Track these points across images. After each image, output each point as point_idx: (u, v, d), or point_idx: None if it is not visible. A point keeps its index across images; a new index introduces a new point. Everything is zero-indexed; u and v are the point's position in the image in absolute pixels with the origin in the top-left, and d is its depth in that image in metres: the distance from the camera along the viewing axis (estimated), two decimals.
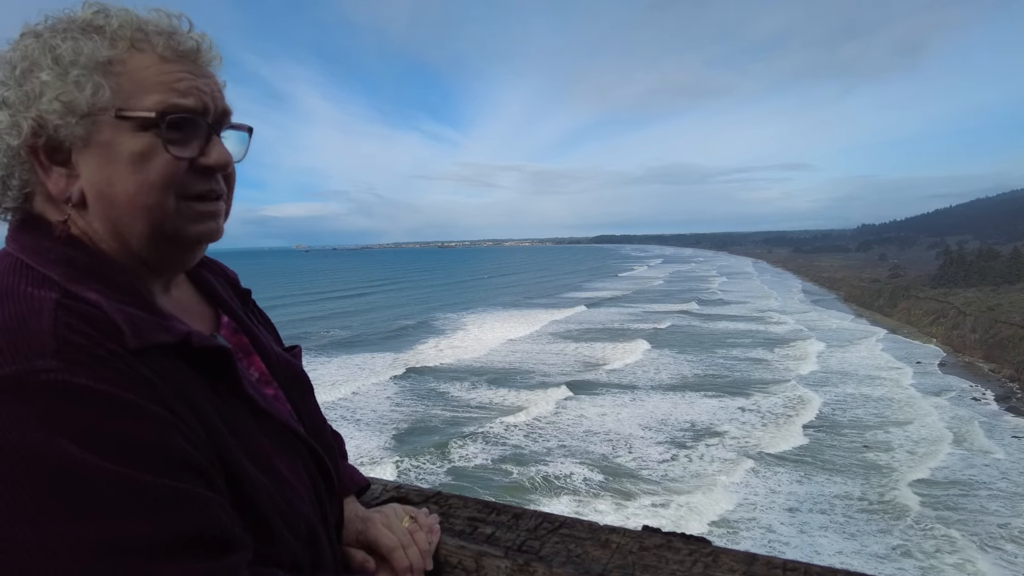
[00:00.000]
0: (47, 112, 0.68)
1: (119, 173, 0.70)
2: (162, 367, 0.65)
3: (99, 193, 0.71)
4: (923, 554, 15.23)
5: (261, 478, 0.72)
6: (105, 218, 0.72)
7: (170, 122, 0.70)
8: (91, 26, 0.71)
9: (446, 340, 41.43)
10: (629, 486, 18.40)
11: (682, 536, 1.08)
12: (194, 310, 0.88)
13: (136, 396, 0.59)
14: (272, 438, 0.79)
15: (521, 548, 1.07)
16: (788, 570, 0.97)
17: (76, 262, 0.69)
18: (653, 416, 24.88)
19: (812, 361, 34.44)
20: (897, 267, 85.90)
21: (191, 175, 0.74)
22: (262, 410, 0.78)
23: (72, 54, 0.68)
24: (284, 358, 0.97)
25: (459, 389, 29.08)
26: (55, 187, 0.71)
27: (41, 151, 0.70)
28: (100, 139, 0.69)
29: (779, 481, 19.03)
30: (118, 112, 0.69)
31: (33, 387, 0.54)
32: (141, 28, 0.72)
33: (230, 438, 0.70)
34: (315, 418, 0.98)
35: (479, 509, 1.23)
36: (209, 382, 0.72)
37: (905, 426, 24.25)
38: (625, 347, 37.78)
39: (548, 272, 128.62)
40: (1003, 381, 33.39)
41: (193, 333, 0.71)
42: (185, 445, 0.61)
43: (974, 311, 46.00)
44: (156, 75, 0.71)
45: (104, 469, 0.54)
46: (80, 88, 0.68)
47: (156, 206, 0.71)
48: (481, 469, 19.78)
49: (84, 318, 0.62)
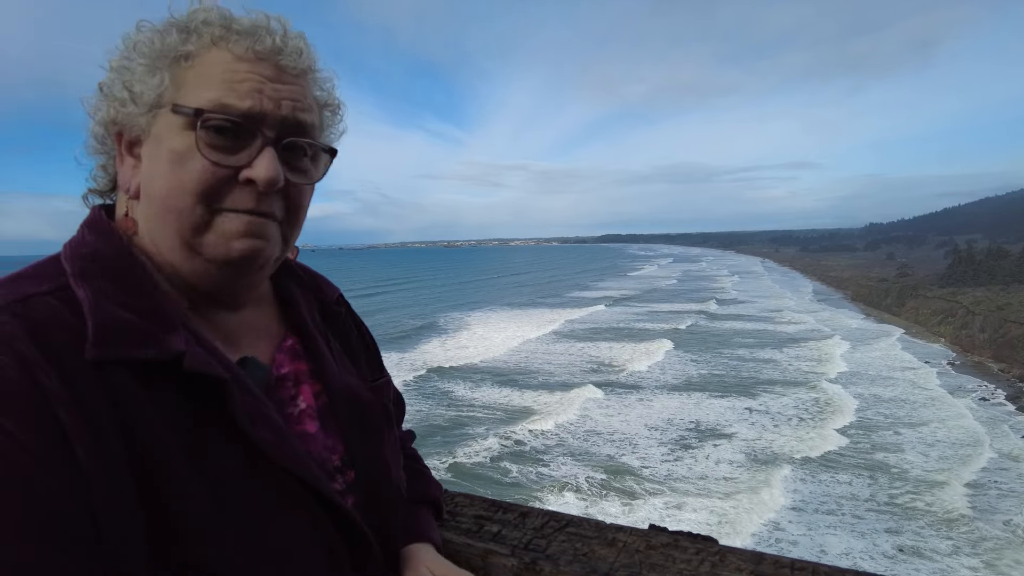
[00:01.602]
0: (120, 99, 0.68)
1: (160, 169, 0.66)
2: (114, 384, 0.58)
3: (145, 189, 0.68)
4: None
5: (223, 535, 0.60)
6: (144, 216, 0.69)
7: (213, 124, 0.65)
8: (179, 24, 0.69)
9: (464, 340, 40.92)
10: (691, 502, 17.31)
11: (689, 535, 1.08)
12: (262, 330, 0.81)
13: (8, 422, 0.51)
14: (269, 488, 0.66)
15: (528, 546, 1.07)
16: (796, 569, 0.96)
17: (100, 257, 0.66)
18: (694, 419, 24.09)
19: (839, 361, 33.87)
20: (905, 266, 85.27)
21: (232, 186, 0.67)
22: (263, 452, 0.66)
23: (148, 46, 0.67)
24: (353, 392, 0.86)
25: (484, 390, 28.25)
26: (122, 176, 0.70)
27: (123, 140, 0.70)
28: (156, 132, 0.67)
29: (822, 483, 18.58)
30: (174, 105, 0.66)
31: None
32: (227, 26, 0.68)
33: (186, 482, 0.59)
34: (374, 464, 0.84)
35: (485, 508, 1.24)
36: (199, 409, 0.63)
37: (931, 424, 24.01)
38: (647, 347, 37.10)
39: (558, 272, 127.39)
40: (1013, 381, 33.09)
41: (189, 354, 0.62)
42: (46, 498, 0.51)
43: (983, 311, 45.58)
44: (222, 72, 0.67)
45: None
46: (151, 77, 0.67)
47: (185, 211, 0.66)
48: (503, 472, 19.13)
49: (34, 320, 0.57)
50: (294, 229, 0.75)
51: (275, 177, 0.68)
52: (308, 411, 0.80)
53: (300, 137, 0.71)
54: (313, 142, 0.74)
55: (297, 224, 0.75)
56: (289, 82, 0.70)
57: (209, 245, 0.68)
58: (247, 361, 0.75)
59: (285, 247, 0.76)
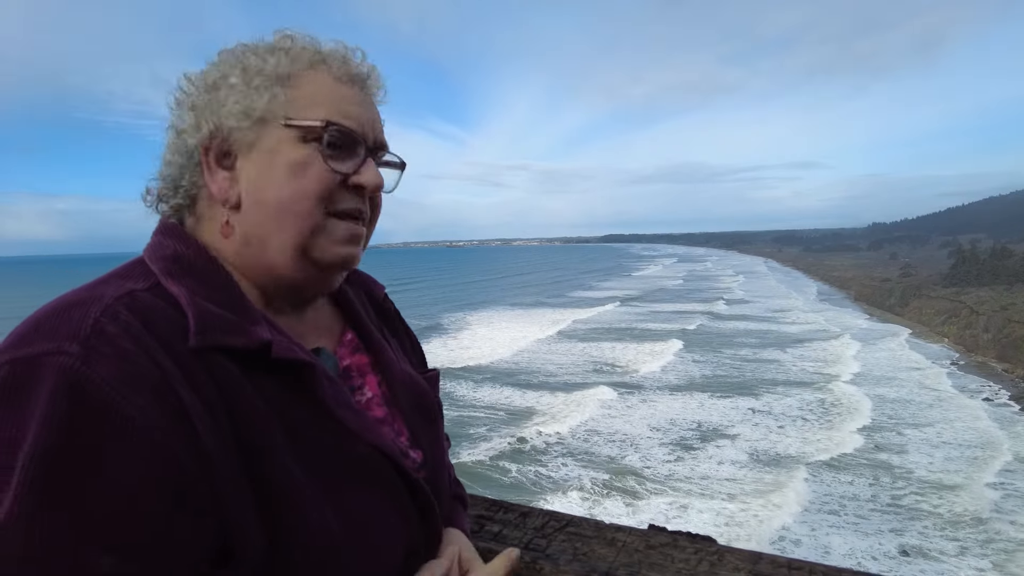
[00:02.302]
0: (227, 115, 0.74)
1: (276, 179, 0.73)
2: (219, 369, 0.65)
3: (254, 198, 0.74)
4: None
5: (319, 506, 0.67)
6: (253, 223, 0.75)
7: (331, 136, 0.74)
8: (277, 47, 0.77)
9: (470, 340, 40.78)
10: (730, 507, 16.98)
11: (688, 535, 1.09)
12: (324, 328, 0.87)
13: (138, 398, 0.57)
14: (354, 463, 0.73)
15: (528, 546, 1.09)
16: (793, 568, 0.97)
17: (182, 258, 0.72)
18: (710, 418, 23.94)
19: (851, 361, 33.68)
20: (908, 266, 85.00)
21: (342, 191, 0.76)
22: (349, 430, 0.73)
23: (257, 66, 0.75)
24: (412, 381, 0.93)
25: (494, 391, 27.97)
26: (218, 189, 0.75)
27: (212, 154, 0.75)
28: (265, 145, 0.74)
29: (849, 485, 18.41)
30: (287, 120, 0.73)
31: (45, 367, 0.55)
32: (319, 52, 0.78)
33: (286, 459, 0.66)
34: (434, 448, 0.91)
35: (486, 507, 1.25)
36: (291, 394, 0.70)
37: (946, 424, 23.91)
38: (657, 348, 36.87)
39: (564, 272, 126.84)
40: (1016, 381, 32.97)
41: (275, 341, 0.69)
42: (169, 467, 0.57)
43: (987, 310, 45.38)
44: (327, 93, 0.76)
45: (64, 474, 0.53)
46: (259, 95, 0.74)
47: (306, 215, 0.74)
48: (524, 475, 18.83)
49: (143, 311, 0.63)
50: (371, 232, 0.85)
51: (380, 182, 0.80)
52: (375, 399, 0.87)
53: (385, 155, 0.83)
54: (394, 157, 0.85)
55: (374, 228, 0.84)
56: (371, 104, 0.82)
57: (319, 248, 0.76)
58: (320, 351, 0.81)
59: (363, 249, 0.84)
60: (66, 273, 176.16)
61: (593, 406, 25.02)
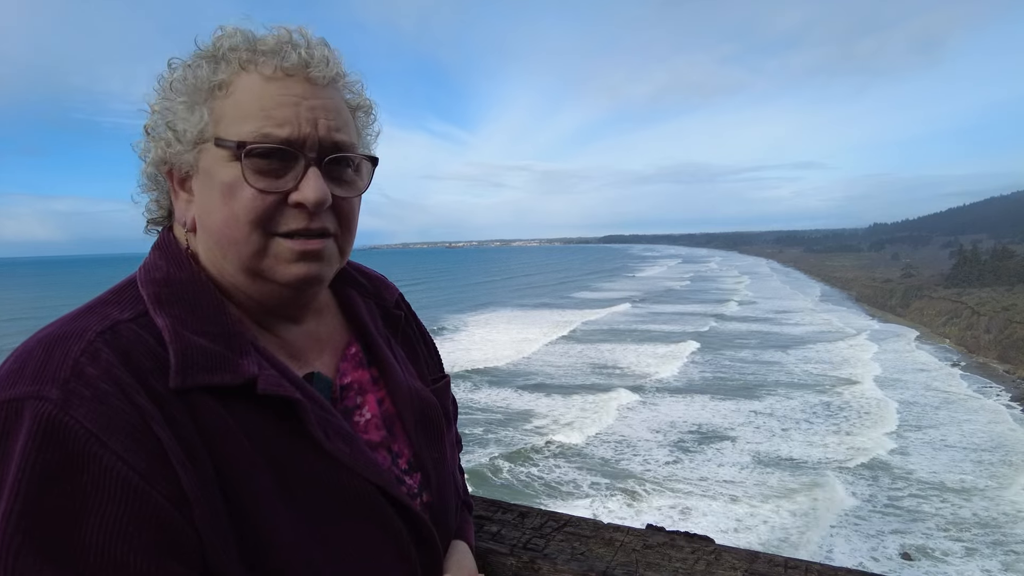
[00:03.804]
0: (166, 139, 0.70)
1: (213, 202, 0.69)
2: (203, 408, 0.63)
3: (200, 221, 0.71)
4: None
5: (307, 542, 0.65)
6: (205, 247, 0.72)
7: (255, 152, 0.67)
8: (207, 53, 0.71)
9: (481, 342, 40.54)
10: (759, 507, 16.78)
11: (685, 534, 1.09)
12: (326, 340, 0.84)
13: (118, 440, 0.56)
14: (343, 495, 0.70)
15: (526, 546, 1.09)
16: (789, 567, 0.98)
17: (173, 283, 0.70)
18: (727, 417, 23.84)
19: (871, 363, 33.60)
20: (909, 267, 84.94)
21: (285, 210, 0.69)
22: (340, 463, 0.70)
23: (183, 83, 0.70)
24: (418, 396, 0.88)
25: (522, 395, 27.52)
26: (178, 211, 0.73)
27: (174, 176, 0.72)
28: (204, 166, 0.69)
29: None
30: (216, 139, 0.68)
31: (26, 412, 0.55)
32: (252, 48, 0.70)
33: (271, 496, 0.64)
34: (438, 468, 0.87)
35: (485, 507, 1.25)
36: (278, 426, 0.67)
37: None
38: (673, 349, 36.69)
39: (569, 273, 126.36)
40: (1018, 382, 32.93)
41: (262, 377, 0.66)
42: (150, 514, 0.56)
43: (988, 311, 45.33)
44: (257, 99, 0.68)
45: (44, 526, 0.52)
46: (190, 113, 0.69)
47: (242, 241, 0.69)
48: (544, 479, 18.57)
49: (124, 347, 0.62)
50: (348, 240, 0.77)
51: (322, 197, 0.69)
52: (374, 420, 0.83)
53: (340, 151, 0.72)
54: (354, 155, 0.75)
55: (351, 235, 0.77)
56: (321, 95, 0.71)
57: (268, 269, 0.71)
58: (315, 376, 0.78)
59: (342, 259, 0.78)
60: (65, 274, 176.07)
61: (613, 410, 24.77)
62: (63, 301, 63.70)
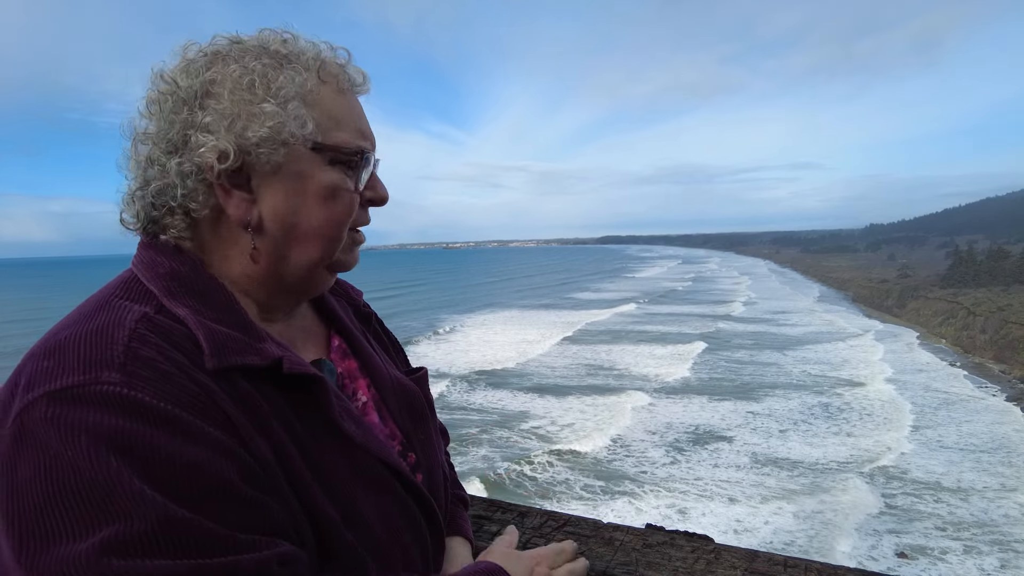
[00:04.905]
0: (253, 137, 0.69)
1: (306, 204, 0.72)
2: (240, 388, 0.65)
3: (281, 221, 0.72)
4: None
5: (334, 517, 0.68)
6: (280, 243, 0.73)
7: (352, 160, 0.74)
8: (287, 57, 0.73)
9: (482, 344, 39.99)
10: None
11: (685, 534, 1.10)
12: (311, 333, 0.88)
13: (193, 415, 0.58)
14: (361, 473, 0.74)
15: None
16: (789, 567, 0.98)
17: (180, 276, 0.70)
18: (740, 423, 23.42)
19: (881, 364, 33.51)
20: (906, 267, 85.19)
21: (361, 209, 0.79)
22: (355, 443, 0.74)
23: (285, 85, 0.71)
24: (400, 384, 0.93)
25: (517, 396, 26.94)
26: (235, 211, 0.71)
27: (225, 175, 0.70)
28: (292, 169, 0.71)
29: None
30: (315, 144, 0.72)
31: (92, 398, 0.54)
32: (320, 59, 0.75)
33: (305, 470, 0.67)
34: (427, 449, 0.92)
35: (485, 507, 1.25)
36: (298, 409, 0.70)
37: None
38: (681, 350, 36.38)
39: (570, 274, 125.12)
40: (1014, 382, 33.04)
41: (286, 358, 0.69)
42: (235, 475, 0.58)
43: (984, 311, 45.46)
44: (342, 110, 0.75)
45: (142, 493, 0.52)
46: (289, 118, 0.70)
47: (337, 239, 0.76)
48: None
49: (164, 333, 0.63)
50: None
51: (388, 196, 0.82)
52: (369, 404, 0.87)
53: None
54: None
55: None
56: (362, 110, 0.81)
57: (341, 261, 0.79)
58: (323, 363, 0.83)
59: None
60: (63, 275, 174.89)
61: (628, 412, 24.46)
62: (63, 301, 63.18)
